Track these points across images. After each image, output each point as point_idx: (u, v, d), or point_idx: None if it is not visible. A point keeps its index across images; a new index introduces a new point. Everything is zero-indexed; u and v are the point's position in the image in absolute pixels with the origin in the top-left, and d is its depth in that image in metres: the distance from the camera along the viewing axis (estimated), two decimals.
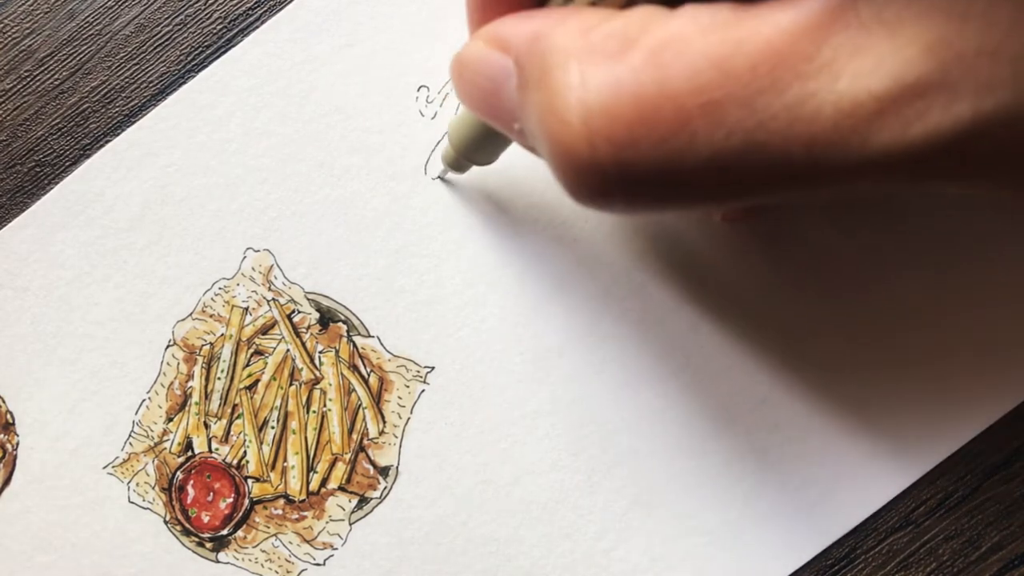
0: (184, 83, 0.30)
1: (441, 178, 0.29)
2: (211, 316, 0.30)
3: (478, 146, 0.25)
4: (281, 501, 0.29)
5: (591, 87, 0.17)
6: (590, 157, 0.17)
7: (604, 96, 0.17)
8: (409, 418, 0.29)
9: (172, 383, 0.29)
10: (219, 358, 0.29)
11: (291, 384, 0.29)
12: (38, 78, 0.30)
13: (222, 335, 0.29)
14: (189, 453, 0.29)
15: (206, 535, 0.29)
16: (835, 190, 0.17)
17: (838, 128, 0.15)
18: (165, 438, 0.29)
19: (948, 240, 0.28)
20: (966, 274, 0.28)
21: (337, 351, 0.29)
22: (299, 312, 0.29)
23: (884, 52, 0.15)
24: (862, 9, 0.15)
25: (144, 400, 0.29)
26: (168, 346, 0.29)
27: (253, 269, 0.29)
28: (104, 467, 0.29)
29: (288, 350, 0.29)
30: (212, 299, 0.29)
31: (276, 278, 0.29)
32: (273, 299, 0.29)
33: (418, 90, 0.29)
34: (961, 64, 0.15)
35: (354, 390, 0.29)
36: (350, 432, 0.29)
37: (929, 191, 0.17)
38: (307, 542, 0.29)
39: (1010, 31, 0.14)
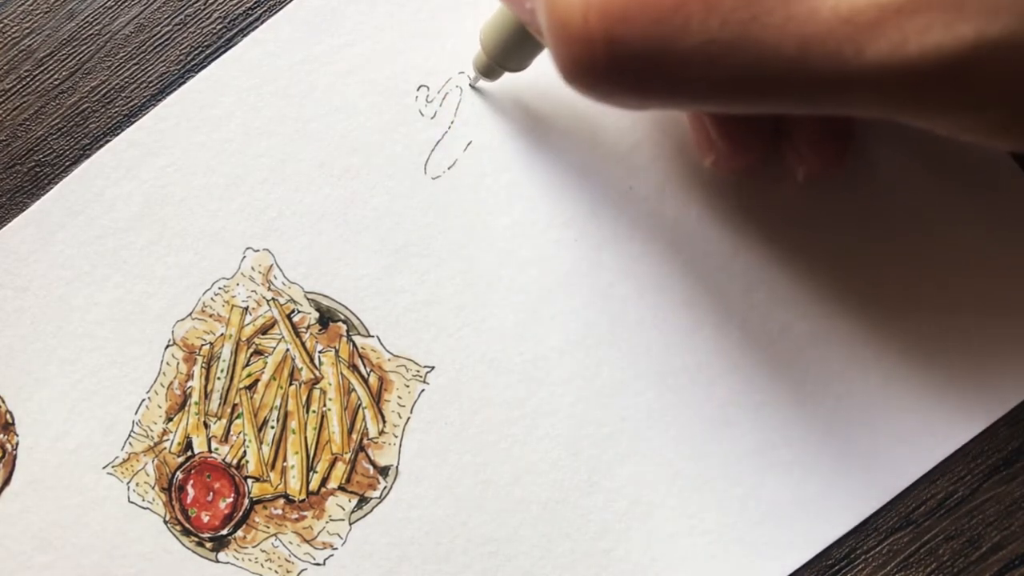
0: (184, 83, 0.30)
1: (472, 86, 0.29)
2: (211, 316, 0.30)
3: (508, 49, 0.26)
4: (281, 501, 0.29)
5: None
6: (582, 28, 0.17)
7: None
8: (409, 418, 0.29)
9: (172, 383, 0.29)
10: (219, 358, 0.29)
11: (291, 384, 0.29)
12: (38, 78, 0.30)
13: (222, 335, 0.29)
14: (189, 453, 0.29)
15: (206, 535, 0.29)
16: (826, 104, 0.17)
17: (833, 34, 0.15)
18: (165, 438, 0.29)
19: (946, 242, 0.28)
20: (965, 274, 0.28)
21: (337, 351, 0.29)
22: (299, 312, 0.29)
23: None
24: None
25: (144, 400, 0.29)
26: (168, 346, 0.29)
27: (253, 269, 0.29)
28: (104, 467, 0.29)
29: (288, 350, 0.29)
30: (212, 299, 0.29)
31: (276, 278, 0.29)
32: (273, 299, 0.29)
33: (418, 90, 0.29)
34: None
35: (354, 390, 0.29)
36: (350, 432, 0.29)
37: (921, 124, 0.17)
38: (307, 542, 0.29)
39: None
